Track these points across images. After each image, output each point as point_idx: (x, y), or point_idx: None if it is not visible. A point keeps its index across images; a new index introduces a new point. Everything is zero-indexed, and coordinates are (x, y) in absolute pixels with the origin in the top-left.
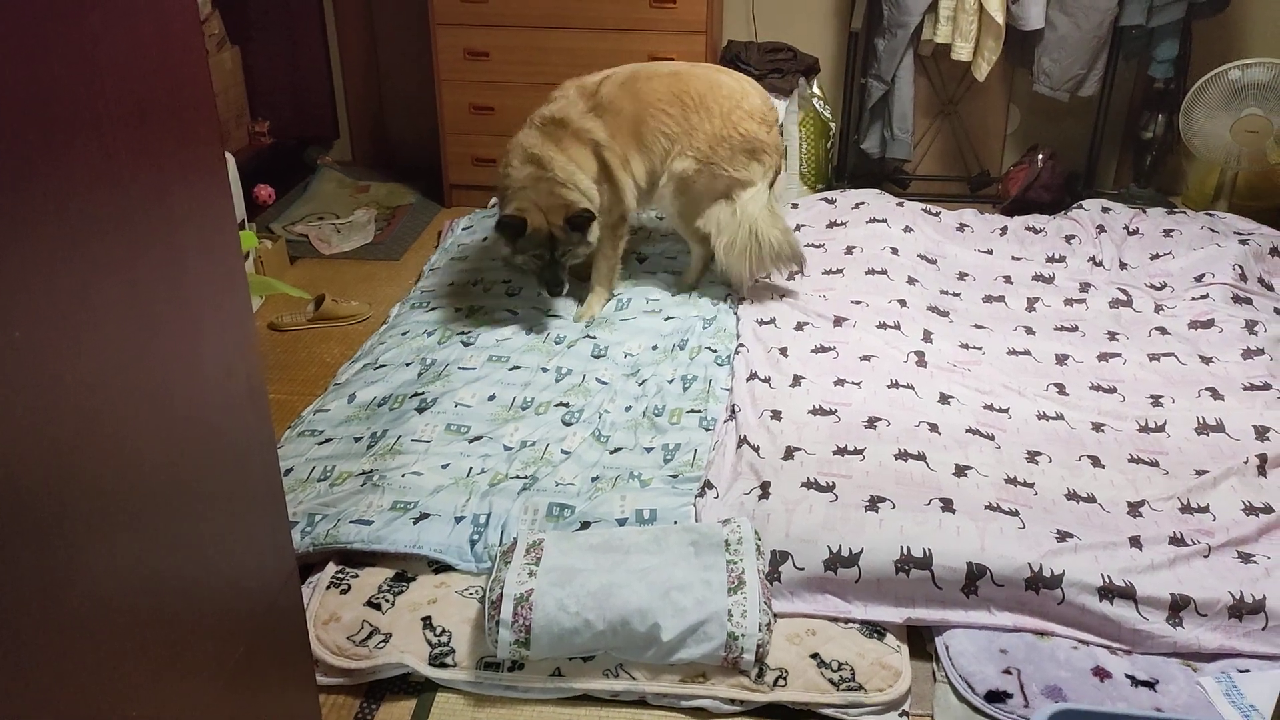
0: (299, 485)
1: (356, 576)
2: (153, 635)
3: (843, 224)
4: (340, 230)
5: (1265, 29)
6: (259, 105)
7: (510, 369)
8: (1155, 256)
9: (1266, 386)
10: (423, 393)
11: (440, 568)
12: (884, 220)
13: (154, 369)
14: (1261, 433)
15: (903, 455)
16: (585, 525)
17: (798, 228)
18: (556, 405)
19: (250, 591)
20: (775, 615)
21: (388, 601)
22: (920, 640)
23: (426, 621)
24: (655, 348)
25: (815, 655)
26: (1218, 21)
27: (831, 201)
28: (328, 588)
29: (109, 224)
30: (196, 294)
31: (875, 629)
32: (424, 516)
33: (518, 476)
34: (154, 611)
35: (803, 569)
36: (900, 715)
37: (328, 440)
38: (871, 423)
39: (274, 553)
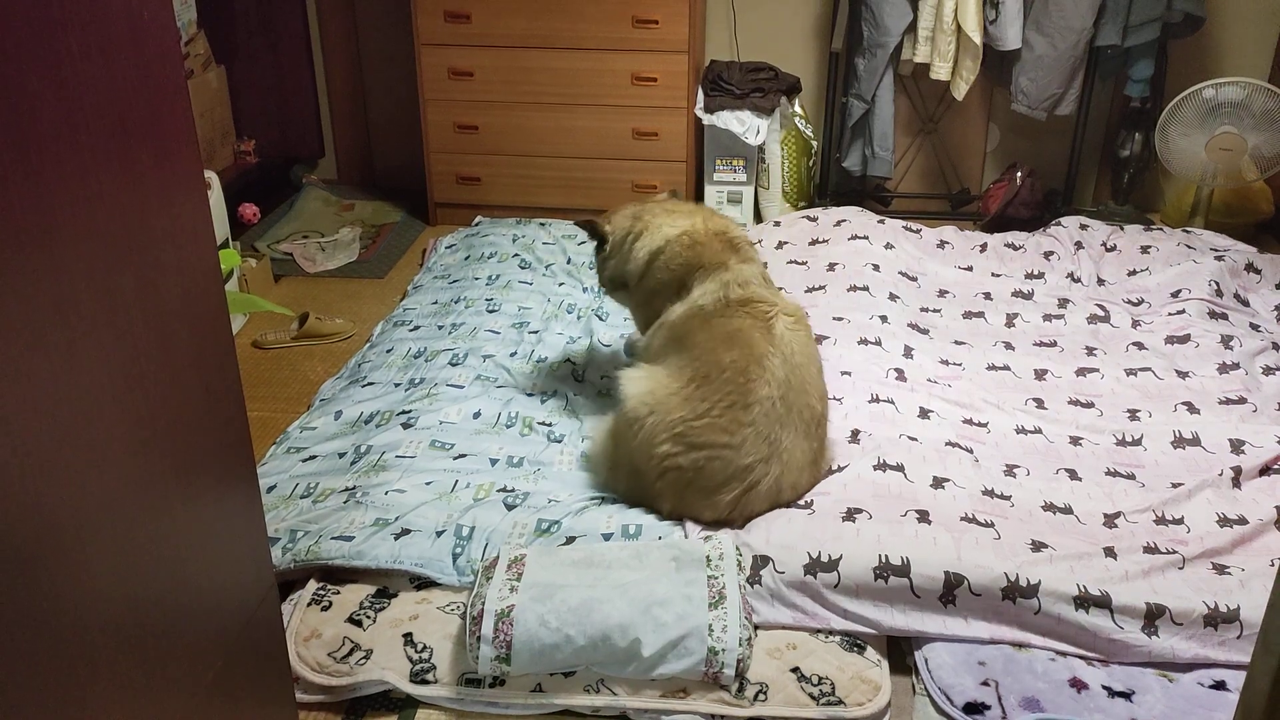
0: (282, 502)
1: (338, 593)
2: (126, 652)
3: (824, 241)
4: (325, 248)
5: (1238, 49)
6: (244, 124)
7: (498, 387)
8: (1133, 273)
9: (1242, 400)
10: (409, 410)
11: (422, 584)
12: (865, 237)
13: (131, 387)
14: (1236, 446)
15: (881, 466)
16: (570, 540)
17: (780, 245)
18: (541, 424)
19: (227, 608)
20: (756, 627)
21: (369, 618)
22: (900, 653)
23: (408, 638)
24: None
25: (796, 669)
26: (1192, 41)
27: (813, 219)
28: (309, 604)
29: (86, 241)
30: (174, 312)
31: (856, 642)
32: (405, 532)
33: (502, 489)
34: (128, 629)
35: (783, 572)
36: None
37: (312, 457)
38: (855, 436)
39: (253, 569)
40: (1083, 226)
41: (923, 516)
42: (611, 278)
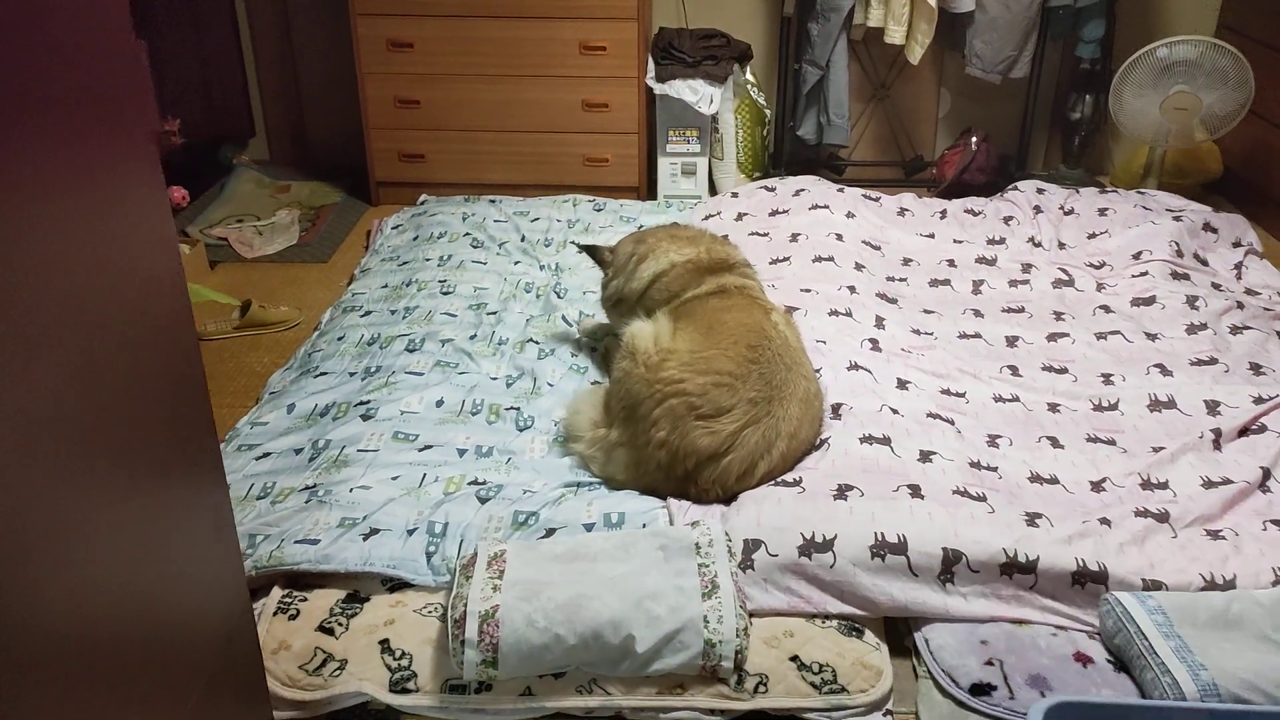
0: (237, 504)
1: (305, 600)
2: (100, 689)
3: (785, 212)
4: (262, 232)
5: (1186, 9)
6: (168, 102)
7: (459, 373)
8: (1092, 235)
9: (1213, 361)
10: (367, 400)
11: (395, 586)
12: (826, 207)
13: (89, 385)
14: (1212, 407)
15: (867, 440)
16: (551, 532)
17: (740, 216)
18: (508, 409)
19: (207, 623)
20: (751, 615)
21: (341, 625)
22: (898, 635)
23: (384, 645)
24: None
25: (795, 658)
26: (1140, 1)
27: (772, 189)
28: (275, 614)
29: (33, 227)
30: (131, 300)
31: (854, 627)
32: (374, 532)
33: (474, 482)
34: (100, 659)
35: (776, 555)
36: (884, 715)
37: (266, 455)
38: (836, 410)
39: (229, 580)
40: (1040, 190)
41: (914, 491)
42: (612, 297)
